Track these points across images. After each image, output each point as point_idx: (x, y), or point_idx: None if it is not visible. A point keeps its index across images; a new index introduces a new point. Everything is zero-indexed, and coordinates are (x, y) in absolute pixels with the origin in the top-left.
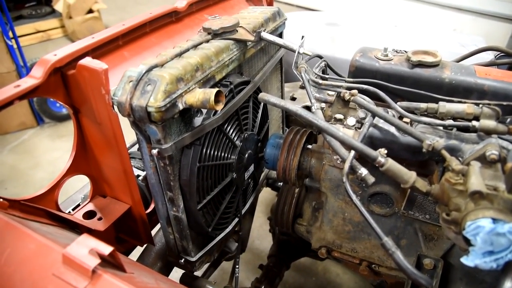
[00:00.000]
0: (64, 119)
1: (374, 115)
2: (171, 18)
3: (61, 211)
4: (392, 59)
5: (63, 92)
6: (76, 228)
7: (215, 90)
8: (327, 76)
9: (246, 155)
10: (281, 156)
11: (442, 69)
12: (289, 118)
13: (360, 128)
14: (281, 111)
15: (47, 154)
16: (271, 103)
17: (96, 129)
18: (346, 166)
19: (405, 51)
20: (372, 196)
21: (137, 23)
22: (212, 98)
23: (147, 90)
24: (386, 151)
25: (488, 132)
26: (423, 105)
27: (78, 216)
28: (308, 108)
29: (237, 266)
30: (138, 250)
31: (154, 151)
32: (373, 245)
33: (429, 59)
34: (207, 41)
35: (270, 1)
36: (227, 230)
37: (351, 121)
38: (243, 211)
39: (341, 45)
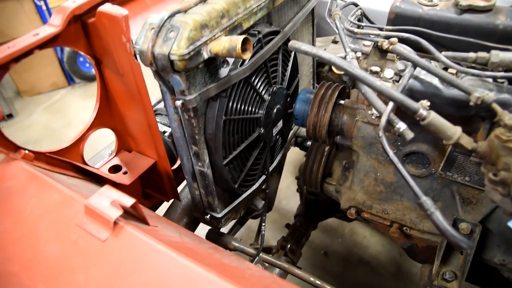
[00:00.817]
0: (94, 79)
1: (415, 65)
2: None
3: (86, 164)
4: (437, 5)
5: (84, 42)
6: (102, 182)
7: (242, 37)
8: (363, 24)
9: (275, 110)
10: (311, 112)
11: (496, 15)
12: (320, 74)
13: (398, 82)
14: (312, 66)
15: (78, 113)
16: (301, 50)
17: (119, 80)
18: (383, 119)
19: None
20: (407, 156)
21: None
22: (239, 46)
23: (169, 37)
24: (428, 103)
25: None
26: (472, 55)
27: (103, 170)
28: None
29: (263, 224)
30: (165, 206)
31: (178, 103)
32: (405, 207)
33: (481, 3)
34: None
35: None
36: (254, 187)
37: (388, 73)
38: (270, 169)
39: None
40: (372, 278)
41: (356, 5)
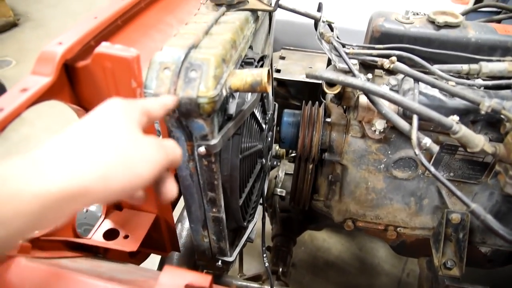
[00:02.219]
0: None
1: (418, 81)
2: None
3: (80, 236)
4: (414, 21)
5: (70, 91)
6: (98, 253)
7: (265, 70)
8: (354, 45)
9: (269, 137)
10: (302, 134)
11: (466, 29)
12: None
13: None
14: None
15: None
16: (325, 78)
17: None
18: (414, 137)
19: (423, 13)
20: (395, 162)
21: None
22: (265, 79)
23: (192, 77)
24: (458, 118)
25: None
26: (465, 67)
27: (98, 238)
28: (330, 84)
29: (264, 256)
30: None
31: (201, 149)
32: (395, 209)
33: (452, 19)
34: (223, 13)
35: None
36: (256, 219)
37: (385, 89)
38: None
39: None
40: (342, 278)
41: (331, 27)
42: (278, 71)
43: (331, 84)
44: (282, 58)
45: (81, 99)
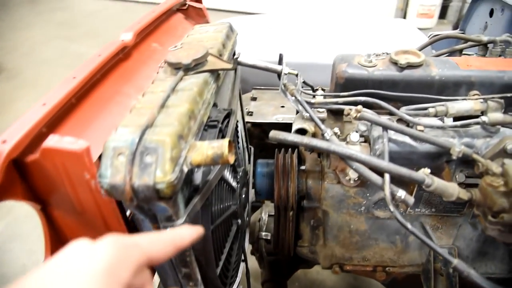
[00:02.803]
0: None
1: (387, 128)
2: (118, 55)
3: None
4: (376, 64)
5: (22, 187)
6: None
7: (226, 141)
8: (319, 94)
9: (243, 194)
10: (277, 185)
11: (429, 67)
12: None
13: (364, 142)
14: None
15: None
16: (289, 141)
17: (76, 220)
18: (387, 193)
19: (385, 53)
20: (375, 203)
21: (90, 72)
22: (226, 151)
23: (147, 162)
24: (429, 170)
25: (496, 124)
26: (432, 109)
27: None
28: (301, 131)
29: None
30: None
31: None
32: (382, 249)
33: (414, 59)
34: (181, 78)
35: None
36: (239, 279)
37: (354, 136)
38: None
39: (291, 47)
40: None
41: (296, 74)
42: (250, 113)
43: (301, 131)
44: (254, 99)
45: (37, 192)
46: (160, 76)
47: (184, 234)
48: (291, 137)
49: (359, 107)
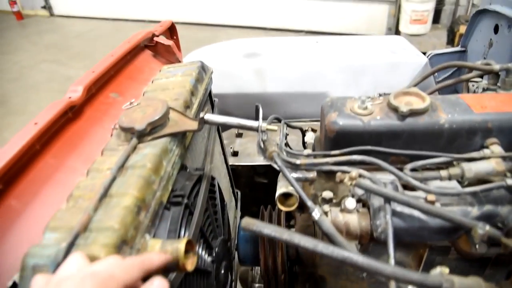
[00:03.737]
0: None
1: (389, 200)
2: (67, 115)
3: None
4: (373, 111)
5: None
6: None
7: (182, 243)
8: (305, 153)
9: (222, 269)
10: (263, 253)
11: (436, 113)
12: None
13: (362, 208)
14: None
15: None
16: (265, 235)
17: None
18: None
19: (381, 95)
20: None
21: (23, 146)
22: (182, 257)
23: None
24: (447, 270)
25: None
26: (444, 173)
27: None
28: (286, 196)
29: None
30: None
31: None
32: None
33: (417, 103)
34: (134, 148)
35: (177, 43)
36: None
37: (350, 203)
38: None
39: (269, 77)
40: None
41: (278, 120)
42: (235, 153)
43: (286, 195)
44: (239, 135)
45: None
46: (111, 143)
47: (152, 258)
48: (267, 229)
49: (354, 172)
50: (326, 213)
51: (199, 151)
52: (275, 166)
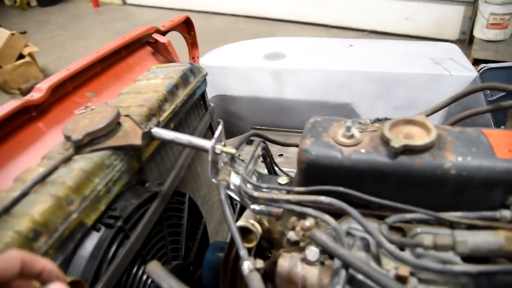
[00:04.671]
0: None
1: (347, 267)
2: (29, 113)
3: None
4: (360, 142)
5: None
6: None
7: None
8: (265, 186)
9: None
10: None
11: (441, 152)
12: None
13: (328, 260)
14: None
15: None
16: None
17: None
18: None
19: (379, 120)
20: None
21: None
22: None
23: None
24: None
25: None
26: (427, 240)
27: None
28: (244, 230)
29: None
30: None
31: None
32: None
33: (419, 137)
34: (67, 159)
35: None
36: None
37: (312, 254)
38: None
39: (287, 81)
40: None
41: (259, 136)
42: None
43: (245, 230)
44: (250, 142)
45: None
46: (53, 151)
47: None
48: (166, 284)
49: (309, 223)
50: (259, 270)
51: (167, 164)
52: (221, 196)
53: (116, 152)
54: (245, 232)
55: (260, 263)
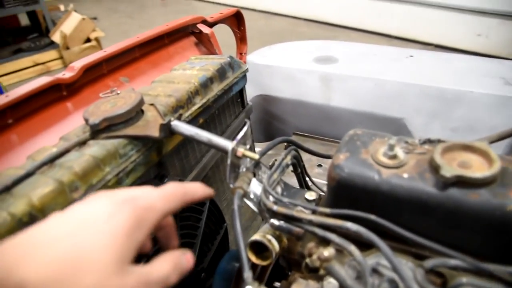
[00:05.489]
0: None
1: None
2: (60, 92)
3: None
4: (404, 164)
5: None
6: None
7: None
8: (285, 200)
9: None
10: None
11: (504, 189)
12: None
13: None
14: None
15: None
16: None
17: None
18: None
19: (431, 141)
20: None
21: None
22: None
23: None
24: None
25: None
26: None
27: None
28: (256, 245)
29: None
30: None
31: None
32: None
33: (475, 168)
34: (81, 143)
35: (243, 35)
36: None
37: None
38: None
39: (336, 88)
40: None
41: (289, 142)
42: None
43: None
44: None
45: None
46: (72, 132)
47: (197, 190)
48: None
49: (328, 253)
50: None
51: (197, 157)
52: (234, 205)
53: (133, 142)
54: (260, 248)
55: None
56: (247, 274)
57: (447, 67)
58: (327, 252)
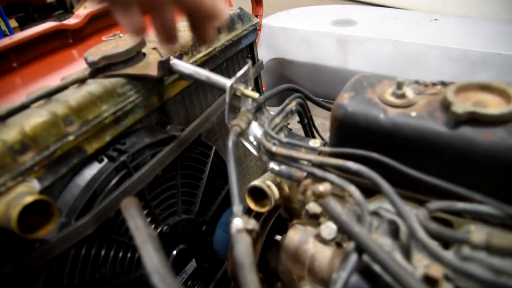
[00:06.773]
0: None
1: (361, 249)
2: (66, 39)
3: None
4: (412, 104)
5: None
6: None
7: (21, 204)
8: (285, 141)
9: (174, 253)
10: (231, 252)
11: None
12: None
13: (343, 244)
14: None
15: None
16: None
17: None
18: None
19: (444, 83)
20: None
21: None
22: (15, 221)
23: None
24: None
25: None
26: (478, 236)
27: None
28: (255, 191)
29: None
30: None
31: None
32: None
33: (494, 105)
34: (80, 81)
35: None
36: None
37: (327, 231)
38: None
39: (353, 51)
40: None
41: (295, 90)
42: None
43: (258, 194)
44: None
45: None
46: (74, 73)
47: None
48: (134, 221)
49: (323, 186)
50: (250, 232)
51: (202, 106)
52: (229, 141)
53: (132, 82)
54: (259, 194)
55: (252, 224)
56: (237, 208)
57: (474, 30)
58: (322, 187)
